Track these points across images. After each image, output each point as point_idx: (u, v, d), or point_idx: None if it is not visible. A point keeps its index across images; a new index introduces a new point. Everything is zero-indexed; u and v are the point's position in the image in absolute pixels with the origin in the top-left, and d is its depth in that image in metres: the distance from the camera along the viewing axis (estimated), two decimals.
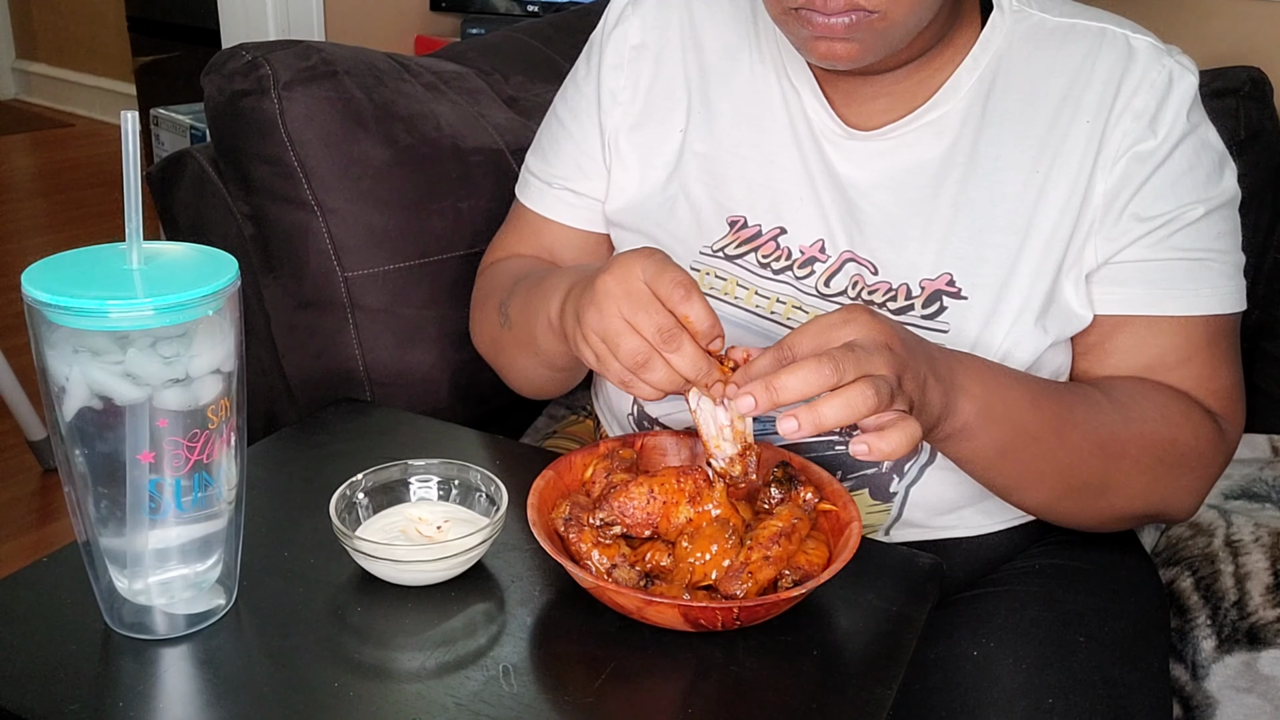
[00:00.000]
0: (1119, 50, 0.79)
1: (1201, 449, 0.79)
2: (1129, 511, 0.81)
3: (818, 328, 0.64)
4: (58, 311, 0.53)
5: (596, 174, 0.93)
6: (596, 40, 0.94)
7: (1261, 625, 0.87)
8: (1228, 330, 0.82)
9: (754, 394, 0.61)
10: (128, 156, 0.57)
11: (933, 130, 0.81)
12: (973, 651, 0.75)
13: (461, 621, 0.64)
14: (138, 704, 0.56)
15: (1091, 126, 0.78)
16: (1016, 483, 0.77)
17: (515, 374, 0.93)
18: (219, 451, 0.59)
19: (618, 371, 0.67)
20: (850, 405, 0.59)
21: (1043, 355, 0.80)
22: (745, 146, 0.86)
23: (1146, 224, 0.78)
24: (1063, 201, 0.79)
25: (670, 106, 0.89)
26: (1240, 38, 1.57)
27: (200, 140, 2.00)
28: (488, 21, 2.29)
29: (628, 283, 0.65)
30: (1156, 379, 0.80)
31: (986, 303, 0.79)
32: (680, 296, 0.64)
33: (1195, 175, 0.79)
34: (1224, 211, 0.80)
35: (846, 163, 0.83)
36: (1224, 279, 0.80)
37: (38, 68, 4.72)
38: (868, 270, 0.82)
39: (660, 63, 0.90)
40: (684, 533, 0.66)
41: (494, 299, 0.92)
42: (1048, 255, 0.79)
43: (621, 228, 0.92)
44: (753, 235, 0.85)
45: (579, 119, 0.94)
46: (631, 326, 0.65)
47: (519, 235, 0.99)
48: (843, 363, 0.60)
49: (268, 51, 1.04)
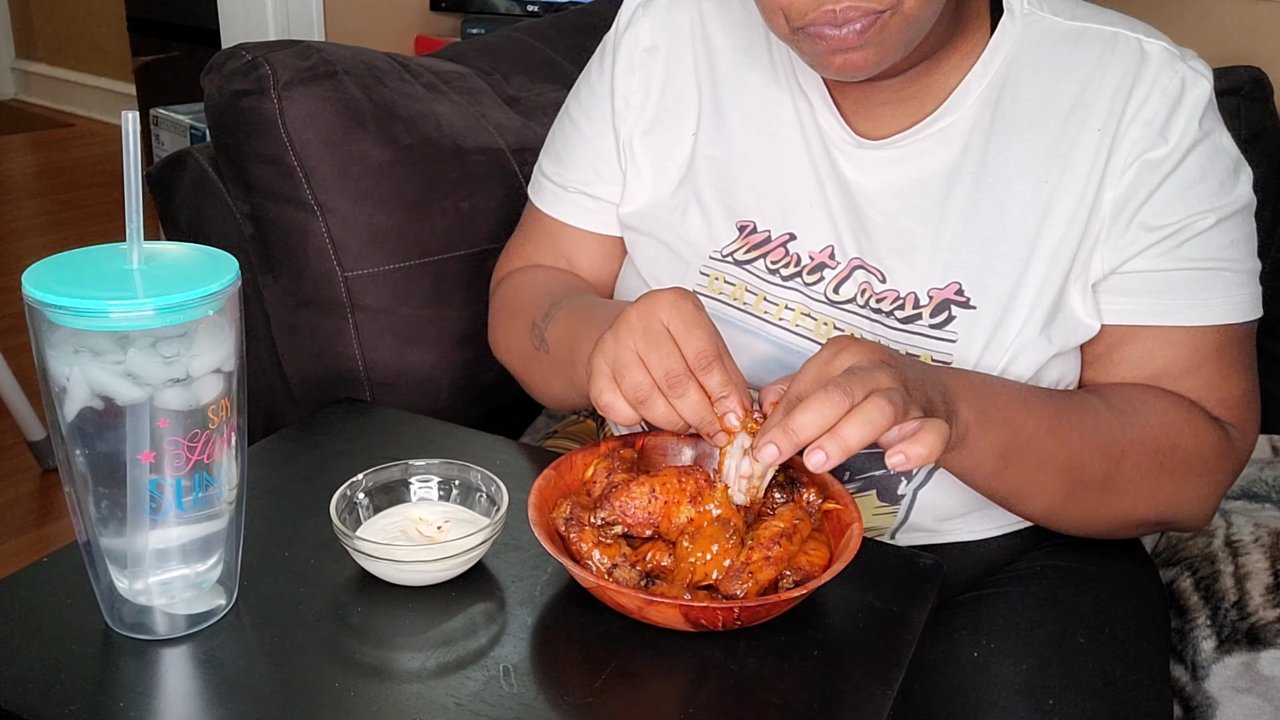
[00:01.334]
0: (1131, 55, 0.78)
1: (1205, 455, 0.79)
2: (1135, 517, 0.80)
3: (814, 367, 0.64)
4: (58, 311, 0.53)
5: (612, 178, 0.92)
6: (609, 42, 0.93)
7: (1261, 625, 0.87)
8: (1239, 338, 0.80)
9: (775, 441, 0.60)
10: (128, 156, 0.57)
11: (941, 139, 0.81)
12: (973, 652, 0.75)
13: (461, 621, 0.64)
14: (138, 704, 0.56)
15: (1102, 134, 0.77)
16: (1020, 487, 0.77)
17: (543, 392, 0.93)
18: (219, 451, 0.59)
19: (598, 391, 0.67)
20: (870, 421, 0.59)
21: (1045, 365, 0.79)
22: (756, 152, 0.86)
23: (1155, 233, 0.77)
24: (1071, 210, 0.78)
25: (682, 110, 0.89)
26: (1240, 38, 1.57)
27: (200, 140, 2.00)
28: (488, 21, 2.29)
29: (648, 320, 0.66)
30: (1163, 387, 0.80)
31: (995, 313, 0.78)
32: (702, 366, 0.65)
33: (1207, 183, 0.77)
34: (1237, 219, 0.79)
35: (856, 171, 0.82)
36: (1235, 288, 0.78)
37: (37, 68, 4.72)
38: (876, 278, 0.81)
39: (671, 66, 0.89)
40: (685, 532, 0.66)
41: (524, 316, 0.91)
42: (1055, 264, 0.78)
43: (634, 231, 0.91)
44: (762, 240, 0.85)
45: (593, 122, 0.93)
46: (642, 362, 0.65)
47: (535, 241, 0.98)
48: (849, 386, 0.60)
49: (268, 51, 1.04)
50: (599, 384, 0.67)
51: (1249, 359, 0.82)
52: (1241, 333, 0.80)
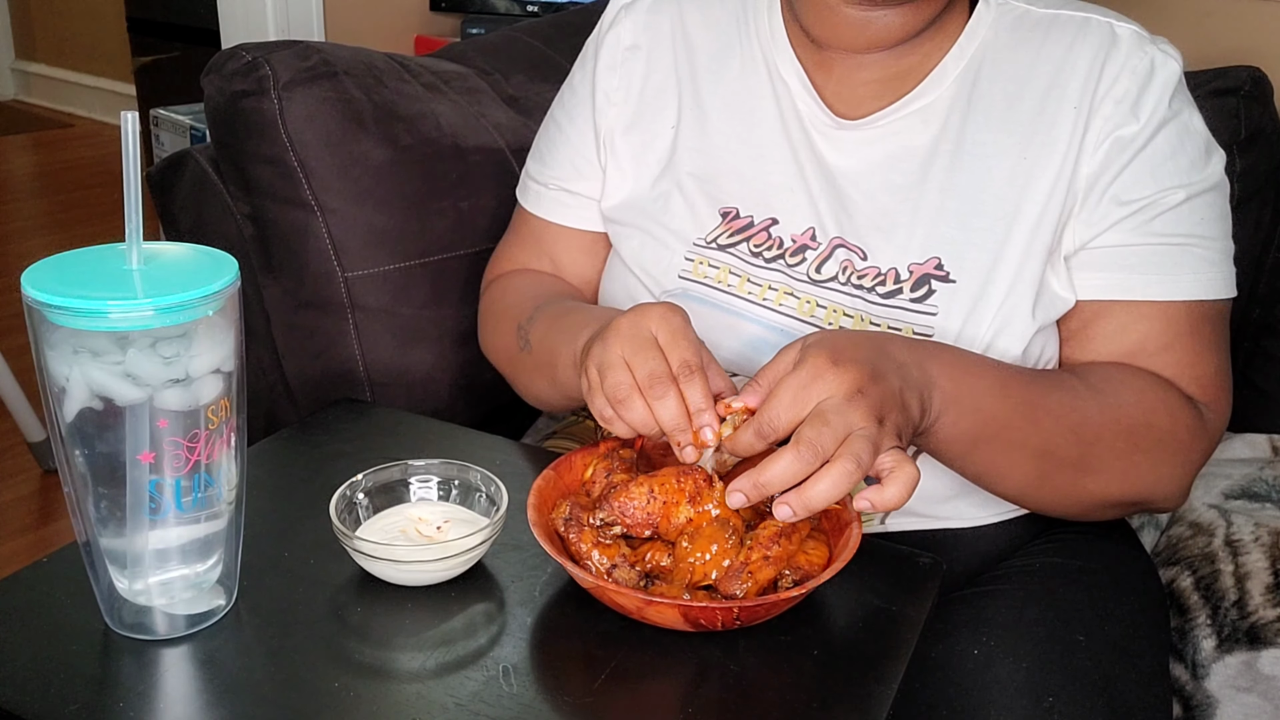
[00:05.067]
0: (1102, 37, 0.81)
1: (1179, 435, 0.79)
2: (1108, 497, 0.81)
3: (789, 392, 0.63)
4: (58, 312, 0.53)
5: (592, 174, 0.95)
6: (591, 45, 0.96)
7: (1261, 625, 0.87)
8: (1213, 317, 0.82)
9: (743, 491, 0.62)
10: (128, 157, 0.57)
11: (920, 118, 0.83)
12: (973, 650, 0.75)
13: (461, 621, 0.64)
14: (138, 704, 0.56)
15: (1077, 112, 0.80)
16: (990, 470, 0.77)
17: (530, 392, 0.95)
18: (219, 452, 0.59)
19: (600, 405, 0.68)
20: (835, 484, 0.60)
21: (1032, 341, 0.80)
22: (736, 141, 0.88)
23: (1125, 208, 0.79)
24: (1049, 186, 0.80)
25: (662, 105, 0.91)
26: (1240, 38, 1.57)
27: (200, 140, 2.00)
28: (488, 21, 2.29)
29: (636, 327, 0.67)
30: (1139, 365, 0.81)
31: (974, 286, 0.80)
32: (684, 375, 0.66)
33: (1178, 161, 0.79)
34: (1208, 197, 0.81)
35: (835, 152, 0.85)
36: (1207, 265, 0.80)
37: (37, 68, 4.72)
38: (857, 256, 0.83)
39: (652, 63, 0.92)
40: (684, 533, 0.66)
41: (510, 318, 0.93)
42: (1036, 238, 0.80)
43: (617, 224, 0.94)
44: (745, 226, 0.87)
45: (574, 121, 0.96)
46: (626, 365, 0.67)
47: (521, 243, 1.01)
48: (818, 442, 0.60)
49: (267, 52, 1.04)
50: (597, 402, 0.69)
51: (1222, 338, 0.83)
52: (1215, 311, 0.81)
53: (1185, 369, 0.81)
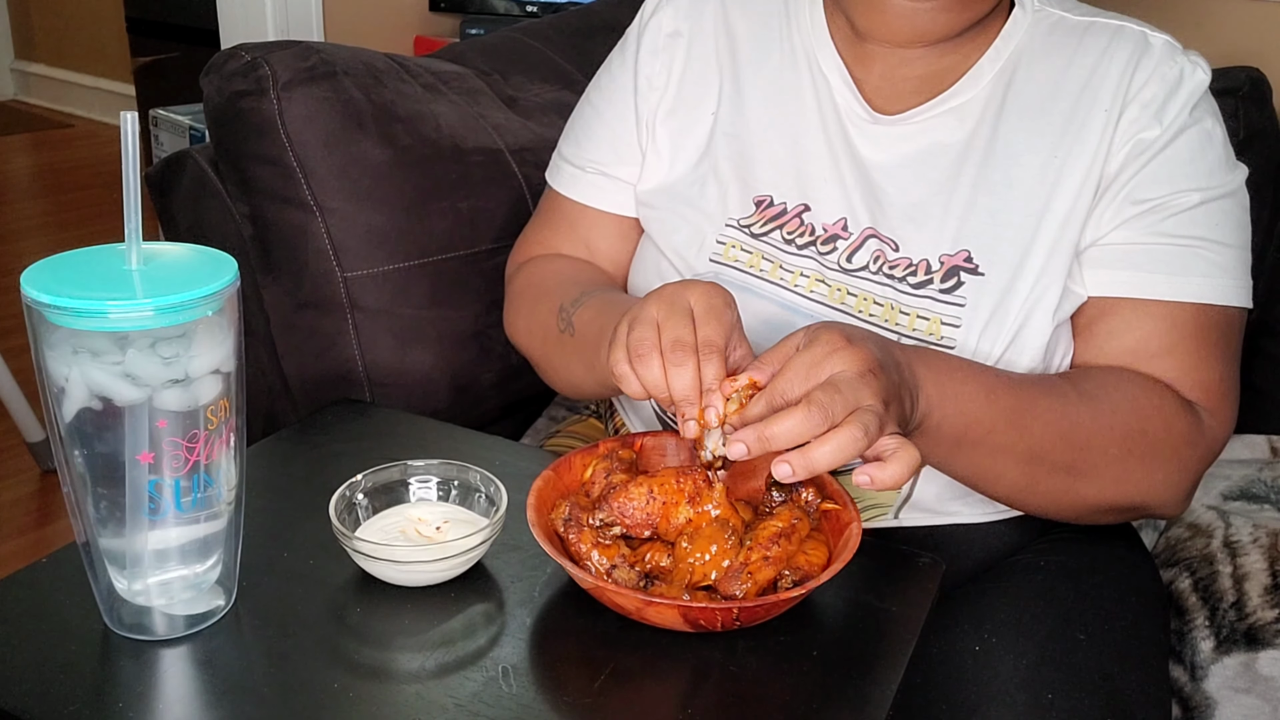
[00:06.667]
0: (1135, 43, 0.82)
1: (1174, 441, 0.79)
2: (1103, 503, 0.80)
3: (804, 366, 0.64)
4: (57, 312, 0.53)
5: (631, 158, 0.95)
6: (633, 31, 0.97)
7: (1260, 626, 0.87)
8: (1221, 323, 0.81)
9: (745, 441, 0.61)
10: (127, 157, 0.57)
11: (955, 116, 0.84)
12: (974, 646, 0.75)
13: (461, 622, 0.64)
14: (137, 704, 0.56)
15: (1108, 114, 0.81)
16: (977, 472, 0.77)
17: (562, 375, 0.94)
18: (218, 452, 0.59)
19: (618, 357, 0.68)
20: (841, 449, 0.60)
21: (1054, 335, 0.81)
22: (773, 129, 0.89)
23: (1138, 206, 0.80)
24: (1078, 185, 0.81)
25: (703, 91, 0.92)
26: (1240, 38, 1.57)
27: (200, 141, 2.00)
28: (487, 22, 2.29)
29: (677, 295, 0.68)
30: (1140, 368, 0.80)
31: (1002, 280, 0.80)
32: (706, 353, 0.66)
33: (1195, 165, 0.80)
34: (1224, 204, 0.81)
35: (870, 145, 0.86)
36: (1218, 270, 0.79)
37: (37, 68, 4.72)
38: (889, 247, 0.84)
39: (693, 50, 0.93)
40: (683, 533, 0.66)
41: (551, 299, 0.92)
42: (1062, 237, 0.80)
43: (651, 208, 0.94)
44: (778, 213, 0.88)
45: (614, 105, 0.96)
46: (656, 325, 0.67)
47: (553, 227, 1.01)
48: (830, 406, 0.60)
49: (267, 52, 1.04)
50: (617, 353, 0.68)
51: (1230, 346, 0.82)
52: (1223, 318, 0.81)
53: (1188, 373, 0.80)
